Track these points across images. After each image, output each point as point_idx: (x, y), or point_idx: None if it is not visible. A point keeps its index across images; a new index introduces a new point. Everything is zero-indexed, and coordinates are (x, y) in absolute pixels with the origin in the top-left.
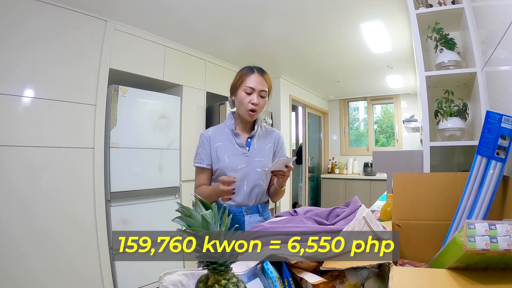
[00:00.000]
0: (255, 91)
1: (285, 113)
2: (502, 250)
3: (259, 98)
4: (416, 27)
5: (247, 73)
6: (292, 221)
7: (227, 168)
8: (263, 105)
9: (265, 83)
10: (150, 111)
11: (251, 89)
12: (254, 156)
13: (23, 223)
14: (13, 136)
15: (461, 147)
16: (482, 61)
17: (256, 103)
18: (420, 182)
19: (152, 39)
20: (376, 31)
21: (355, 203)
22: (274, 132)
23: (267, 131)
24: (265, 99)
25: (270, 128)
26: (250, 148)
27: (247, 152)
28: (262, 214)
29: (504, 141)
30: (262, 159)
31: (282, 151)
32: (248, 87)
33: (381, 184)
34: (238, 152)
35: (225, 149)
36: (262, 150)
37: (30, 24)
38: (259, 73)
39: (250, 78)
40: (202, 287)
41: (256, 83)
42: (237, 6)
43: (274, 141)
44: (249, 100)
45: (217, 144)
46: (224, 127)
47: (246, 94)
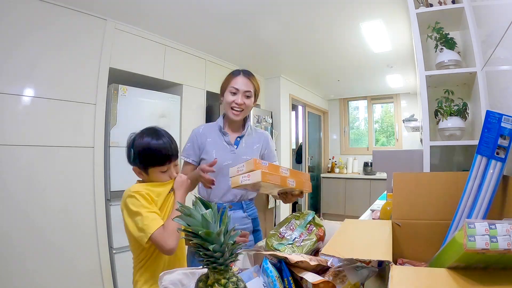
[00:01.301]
0: (239, 92)
1: (285, 112)
2: (502, 249)
3: (244, 98)
4: (416, 27)
5: (233, 76)
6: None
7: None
8: (249, 105)
9: (251, 84)
10: (150, 110)
11: (236, 89)
12: (241, 154)
13: (23, 222)
14: (13, 135)
15: (461, 146)
16: (482, 60)
17: (240, 103)
18: (420, 182)
19: (152, 38)
20: (376, 30)
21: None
22: (263, 134)
23: (256, 132)
24: (250, 99)
25: (260, 130)
26: (238, 147)
27: (235, 150)
28: (246, 211)
29: (504, 140)
30: (249, 157)
31: (270, 152)
32: (233, 87)
33: (381, 183)
34: (226, 149)
35: (213, 145)
36: (250, 149)
37: (30, 23)
38: (245, 75)
39: (236, 80)
40: (202, 286)
41: (241, 84)
42: (237, 6)
43: (262, 142)
44: (233, 100)
45: (207, 140)
46: (215, 125)
47: (231, 94)
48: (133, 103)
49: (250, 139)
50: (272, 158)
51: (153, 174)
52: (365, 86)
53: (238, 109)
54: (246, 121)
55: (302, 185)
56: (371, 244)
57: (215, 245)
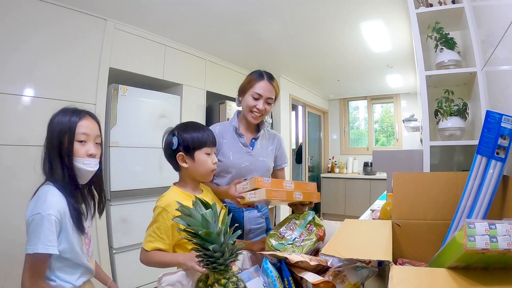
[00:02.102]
0: (262, 98)
1: (285, 112)
2: (502, 249)
3: (265, 104)
4: (416, 27)
5: (257, 79)
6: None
7: (230, 165)
8: (268, 110)
9: (273, 90)
10: (150, 110)
11: (259, 95)
12: (257, 156)
13: (23, 222)
14: (13, 135)
15: (461, 146)
16: (482, 60)
17: (262, 110)
18: (420, 182)
19: (152, 38)
20: (376, 30)
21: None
22: (276, 136)
23: (269, 133)
24: (271, 105)
25: (272, 131)
26: (254, 148)
27: (251, 151)
28: (261, 210)
29: (504, 140)
30: (265, 159)
31: (281, 154)
32: (256, 93)
33: (381, 183)
34: (242, 151)
35: (230, 147)
36: (265, 151)
37: (30, 23)
38: (268, 80)
39: (259, 84)
40: (202, 286)
41: (264, 90)
42: (237, 5)
43: (275, 143)
44: (255, 105)
45: (223, 141)
46: (230, 125)
47: (253, 99)
48: (133, 103)
49: (265, 140)
50: (283, 160)
51: (199, 157)
52: (365, 86)
53: (258, 114)
54: (261, 122)
55: (310, 196)
56: (371, 244)
57: (215, 245)
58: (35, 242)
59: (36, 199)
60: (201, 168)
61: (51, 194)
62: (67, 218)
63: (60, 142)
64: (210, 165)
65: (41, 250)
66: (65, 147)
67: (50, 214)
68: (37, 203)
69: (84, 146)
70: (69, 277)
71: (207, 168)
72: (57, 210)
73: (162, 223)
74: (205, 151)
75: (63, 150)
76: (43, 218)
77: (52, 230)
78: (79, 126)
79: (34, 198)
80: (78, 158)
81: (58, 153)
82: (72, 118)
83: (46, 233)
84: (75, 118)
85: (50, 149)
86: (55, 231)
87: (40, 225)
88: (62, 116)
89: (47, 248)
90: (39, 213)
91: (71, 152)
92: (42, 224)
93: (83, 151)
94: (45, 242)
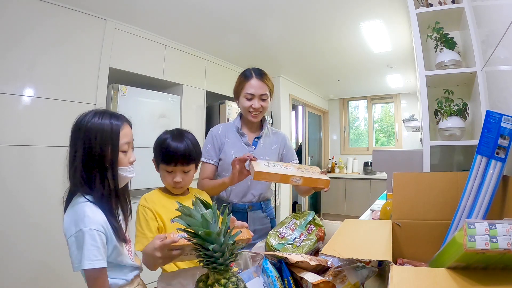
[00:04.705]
0: (255, 96)
1: (285, 112)
2: (502, 249)
3: (260, 102)
4: (416, 27)
5: (245, 79)
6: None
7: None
8: (266, 106)
9: (265, 86)
10: (150, 110)
11: (251, 95)
12: (260, 155)
13: (22, 222)
14: (13, 135)
15: (461, 146)
16: (482, 60)
17: (257, 107)
18: (420, 182)
19: (152, 38)
20: (376, 30)
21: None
22: (280, 134)
23: (273, 132)
24: (266, 101)
25: (276, 130)
26: (257, 147)
27: (254, 150)
28: (265, 211)
29: (504, 140)
30: (268, 158)
31: (288, 152)
32: (248, 93)
33: (381, 183)
34: (244, 149)
35: (232, 146)
36: (268, 149)
37: (30, 23)
38: (258, 77)
39: (249, 84)
40: (202, 286)
41: (256, 88)
42: (237, 5)
43: (280, 143)
44: (250, 105)
45: (226, 140)
46: (232, 125)
47: (247, 100)
48: (133, 103)
49: (268, 139)
50: (291, 157)
51: (161, 171)
52: (365, 86)
53: (256, 112)
54: (264, 121)
55: (314, 182)
56: (371, 244)
57: (215, 245)
58: (80, 259)
59: (73, 213)
60: (162, 180)
61: (89, 209)
62: (110, 230)
63: (101, 152)
64: (170, 181)
65: (87, 266)
66: (108, 158)
67: (92, 229)
68: (76, 219)
69: (126, 154)
70: (120, 274)
71: (167, 183)
72: (99, 224)
73: (141, 219)
74: (166, 168)
75: (106, 161)
76: (85, 234)
77: (96, 245)
78: (122, 136)
79: (70, 213)
80: (122, 167)
81: (97, 163)
82: (113, 126)
83: (89, 248)
84: (116, 126)
85: (87, 159)
86: (100, 246)
87: (82, 241)
88: (98, 122)
89: (93, 263)
90: (81, 230)
91: (115, 163)
92: (84, 240)
93: (126, 160)
94: (90, 257)
